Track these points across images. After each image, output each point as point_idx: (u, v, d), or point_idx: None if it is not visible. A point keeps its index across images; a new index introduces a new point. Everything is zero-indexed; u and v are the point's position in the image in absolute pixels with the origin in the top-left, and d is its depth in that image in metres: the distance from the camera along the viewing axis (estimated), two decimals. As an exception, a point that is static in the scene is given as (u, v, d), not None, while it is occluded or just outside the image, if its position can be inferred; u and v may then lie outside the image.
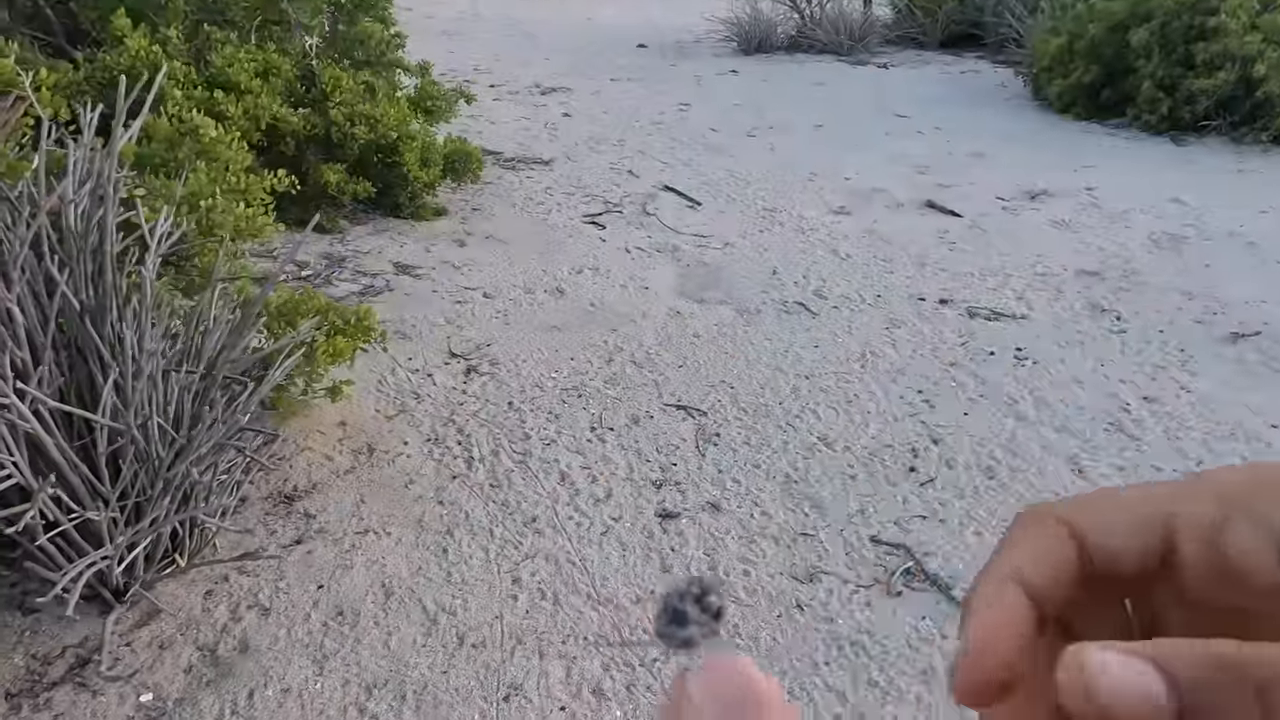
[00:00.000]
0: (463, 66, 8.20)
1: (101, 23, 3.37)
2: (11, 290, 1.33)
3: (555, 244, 3.75)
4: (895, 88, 7.64)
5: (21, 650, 1.50)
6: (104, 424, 1.37)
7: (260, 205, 2.18)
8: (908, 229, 4.11)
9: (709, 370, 2.77)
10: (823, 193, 4.63)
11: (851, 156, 5.35)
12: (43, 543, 1.36)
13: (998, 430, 2.47)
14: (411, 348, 2.78)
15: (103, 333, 1.50)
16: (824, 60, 8.96)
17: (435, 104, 4.15)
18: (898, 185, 4.78)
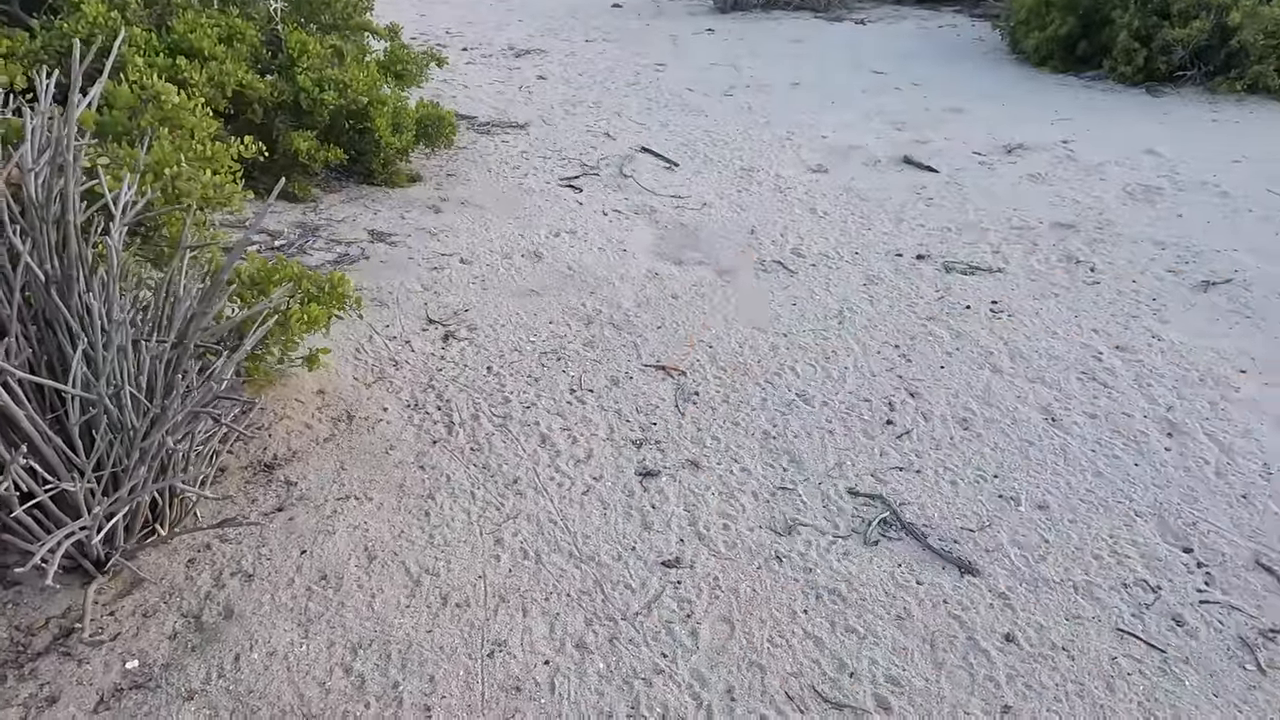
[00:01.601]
0: (434, 30, 8.05)
1: (57, -11, 3.27)
2: (-28, 261, 1.31)
3: (532, 208, 3.72)
4: (872, 44, 7.58)
5: (4, 622, 1.50)
6: (75, 394, 1.36)
7: (228, 173, 2.15)
8: (885, 185, 4.10)
9: (688, 330, 2.77)
10: (800, 151, 4.61)
11: (829, 114, 5.32)
12: (20, 514, 1.35)
13: (973, 382, 2.50)
14: (389, 315, 2.76)
15: (70, 304, 1.48)
16: (801, 17, 8.86)
17: (406, 68, 4.08)
18: (875, 142, 4.76)
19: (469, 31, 8.12)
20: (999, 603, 1.73)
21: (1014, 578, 1.79)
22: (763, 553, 1.85)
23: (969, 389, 2.47)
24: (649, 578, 1.76)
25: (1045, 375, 2.54)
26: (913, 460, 2.16)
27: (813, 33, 8.14)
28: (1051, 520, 1.96)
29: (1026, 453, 2.19)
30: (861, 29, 8.31)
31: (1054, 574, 1.80)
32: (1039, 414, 2.35)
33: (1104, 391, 2.46)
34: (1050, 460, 2.16)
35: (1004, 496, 2.03)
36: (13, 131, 1.60)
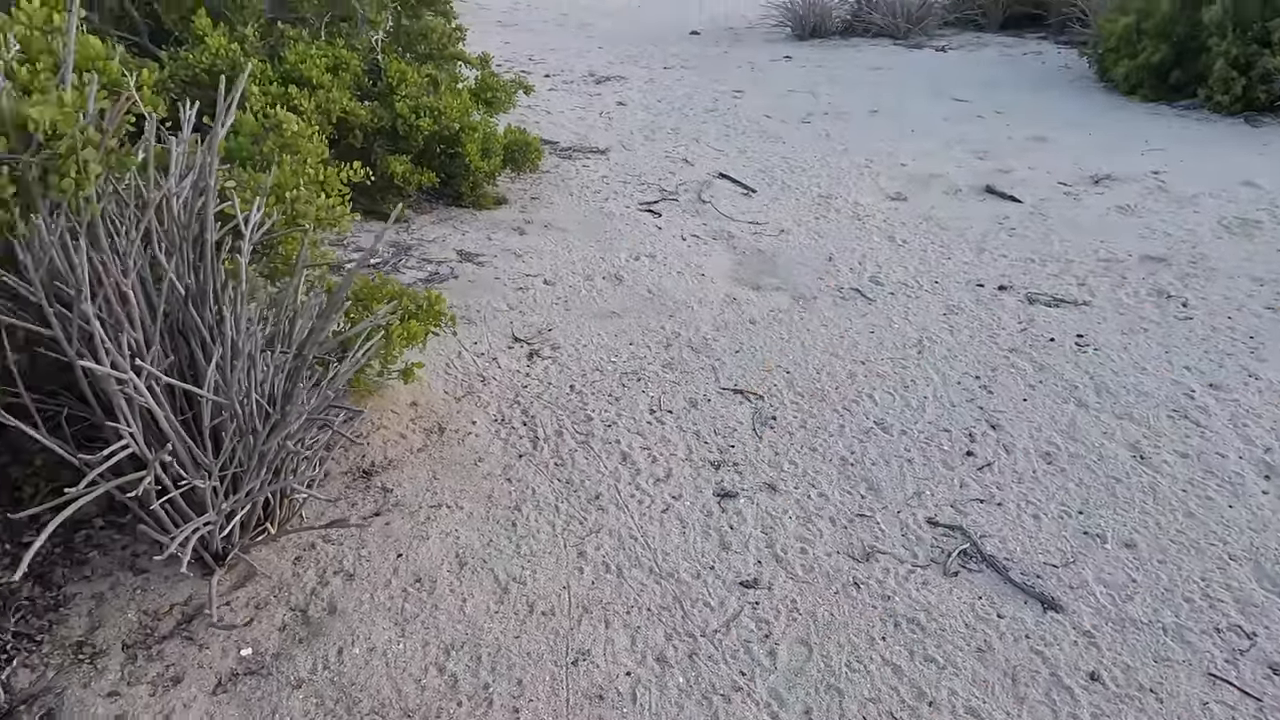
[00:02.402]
0: (518, 57, 8.32)
1: (183, 23, 3.53)
2: (128, 277, 1.45)
3: (613, 232, 3.82)
4: (953, 71, 7.51)
5: (134, 606, 1.63)
6: (209, 399, 1.49)
7: (338, 196, 2.29)
8: (966, 215, 4.07)
9: (765, 355, 2.81)
10: (879, 179, 4.61)
11: (908, 142, 5.30)
12: (155, 508, 1.48)
13: (1058, 416, 2.47)
14: (477, 332, 2.88)
15: (204, 316, 1.62)
16: (880, 44, 8.84)
17: (495, 95, 4.25)
18: (956, 170, 4.73)
19: (551, 58, 8.36)
20: (1083, 640, 1.70)
21: (1099, 616, 1.76)
22: (840, 578, 1.86)
23: (1053, 423, 2.44)
24: (727, 597, 1.80)
25: (1133, 412, 2.49)
26: (994, 493, 2.15)
27: (892, 60, 8.11)
28: (1139, 560, 1.92)
29: (1113, 490, 2.15)
30: (942, 56, 8.24)
31: (1142, 614, 1.77)
32: (1127, 451, 2.31)
33: (1196, 430, 2.39)
34: (1138, 498, 2.12)
35: (1089, 533, 2.00)
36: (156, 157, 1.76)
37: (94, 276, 1.44)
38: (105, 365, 1.37)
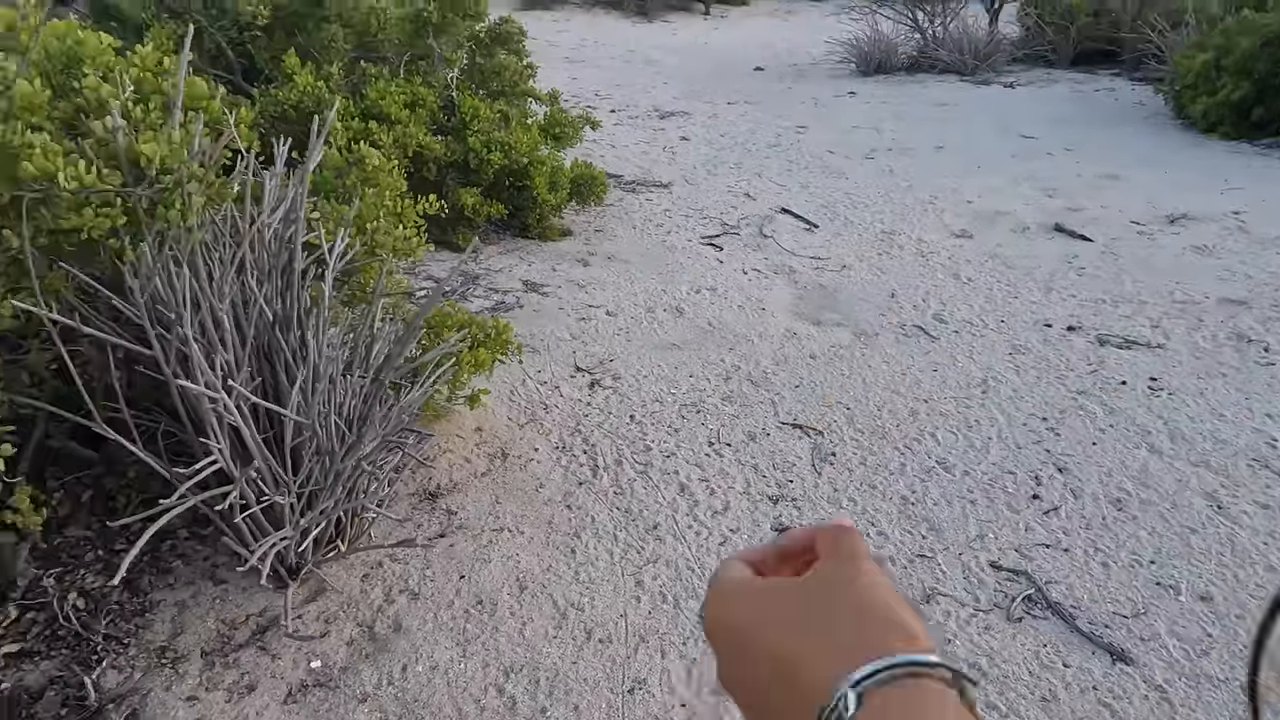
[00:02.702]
0: (585, 92, 8.52)
1: (274, 62, 3.74)
2: (223, 302, 1.54)
3: (674, 265, 3.87)
4: (1022, 107, 7.42)
5: (213, 615, 1.71)
6: (292, 419, 1.57)
7: (414, 227, 2.39)
8: (1034, 253, 4.01)
9: (825, 390, 2.80)
10: (943, 215, 4.57)
11: (974, 179, 5.25)
12: (237, 521, 1.56)
13: (1129, 462, 2.40)
14: (540, 361, 2.95)
15: (288, 339, 1.71)
16: (946, 80, 8.79)
17: (563, 130, 4.37)
18: (1024, 208, 4.66)
19: (617, 94, 8.54)
20: (1155, 695, 1.65)
21: (1172, 670, 1.70)
22: (900, 619, 1.84)
23: (1124, 468, 2.37)
24: (784, 633, 1.79)
25: (1210, 459, 2.40)
26: (1060, 538, 2.10)
27: (959, 96, 8.06)
28: (1216, 613, 1.85)
29: (1188, 540, 2.08)
30: (1010, 93, 8.15)
31: (1218, 671, 1.70)
32: (1203, 500, 2.23)
33: (1278, 481, 2.30)
34: (1215, 550, 2.05)
35: (1162, 584, 1.94)
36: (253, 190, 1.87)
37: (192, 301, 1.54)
38: (200, 385, 1.46)
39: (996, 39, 9.48)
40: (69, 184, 1.35)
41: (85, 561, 1.77)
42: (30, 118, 1.51)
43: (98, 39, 1.75)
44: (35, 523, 1.37)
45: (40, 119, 1.52)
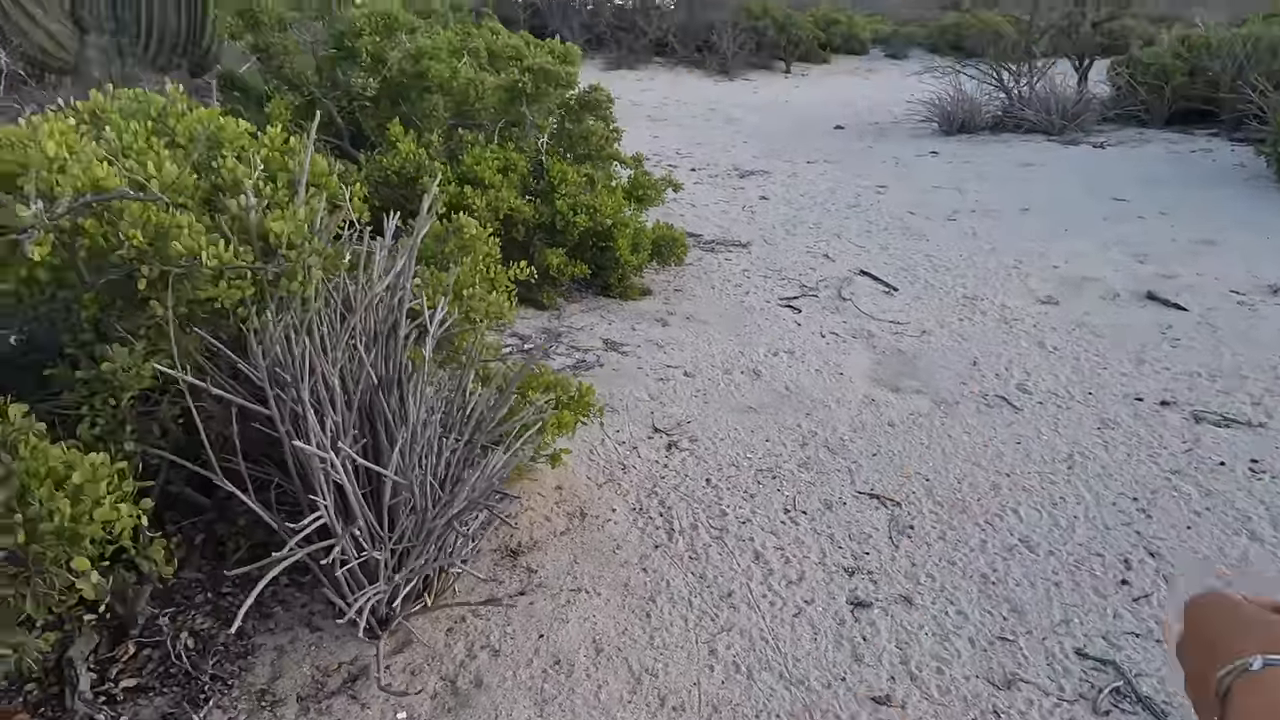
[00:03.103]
0: (666, 151, 8.73)
1: (379, 129, 4.00)
2: (335, 367, 1.67)
3: (752, 326, 3.92)
4: (1112, 169, 7.26)
5: (309, 661, 1.81)
6: (392, 479, 1.67)
7: (505, 292, 2.52)
8: (1124, 322, 3.90)
9: (903, 461, 2.78)
10: (1028, 280, 4.50)
11: (1061, 243, 5.16)
12: (337, 574, 1.66)
13: (1227, 548, 2.30)
14: (619, 421, 3.02)
15: (390, 402, 1.82)
16: (1033, 140, 8.69)
17: (645, 193, 4.51)
18: (1114, 274, 4.55)
19: (697, 152, 8.72)
20: (1256, 805, 1.56)
21: (1275, 779, 1.61)
22: (979, 704, 1.81)
23: (1221, 555, 2.28)
24: (859, 712, 1.78)
25: (1318, 550, 2.28)
26: (1152, 627, 2.02)
27: (1045, 156, 7.95)
28: (1324, 720, 1.75)
29: (1293, 637, 1.98)
30: (1100, 153, 8.00)
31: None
32: (1309, 594, 2.12)
33: (1395, 577, 2.17)
34: (1323, 650, 1.94)
35: (1263, 684, 1.85)
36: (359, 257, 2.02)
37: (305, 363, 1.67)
38: (312, 444, 1.57)
39: (1085, 98, 9.34)
40: (210, 261, 1.50)
41: (196, 603, 1.89)
42: (177, 197, 1.68)
43: (235, 124, 1.94)
44: (168, 573, 1.50)
45: (185, 199, 1.70)
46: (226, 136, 1.89)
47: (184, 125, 1.93)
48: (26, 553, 1.18)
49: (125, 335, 1.61)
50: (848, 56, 19.48)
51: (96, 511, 1.22)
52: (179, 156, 1.89)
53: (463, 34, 5.33)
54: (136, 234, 1.49)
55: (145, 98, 2.04)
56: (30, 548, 1.17)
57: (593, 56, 17.41)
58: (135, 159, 1.73)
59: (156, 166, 1.63)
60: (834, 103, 12.82)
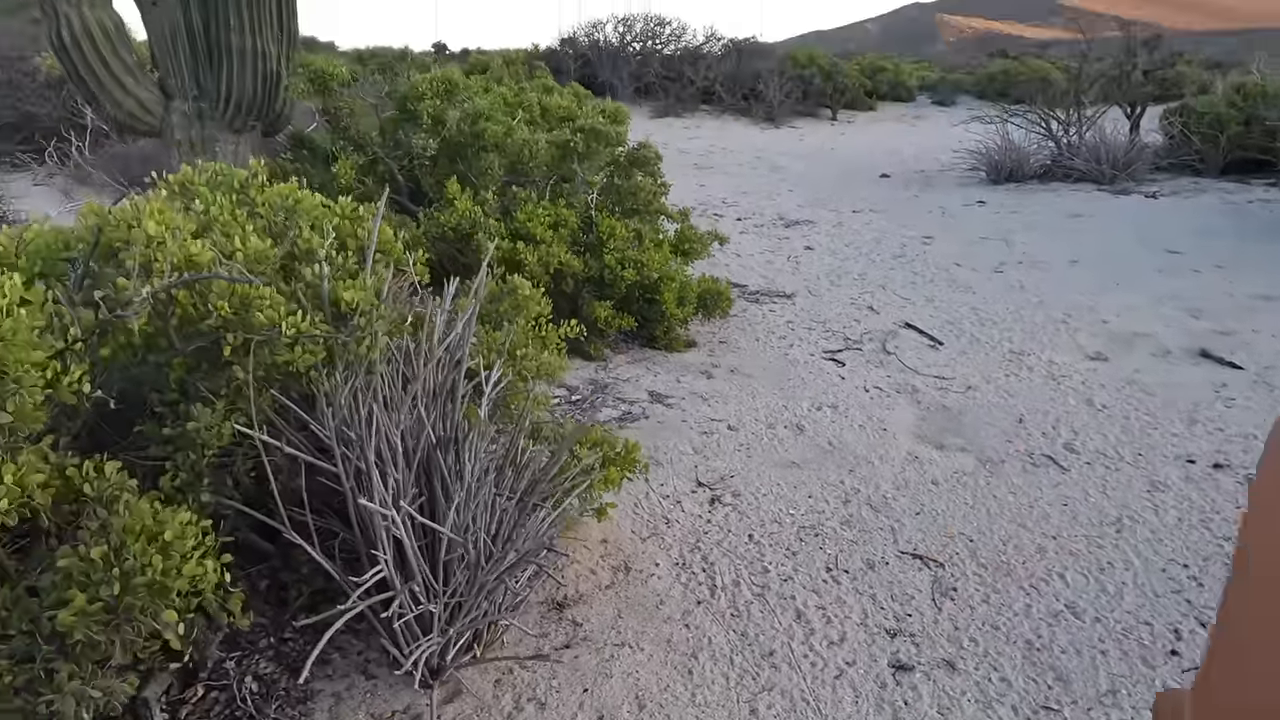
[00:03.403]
0: (712, 200, 8.88)
1: (438, 186, 4.19)
2: (398, 427, 1.77)
3: (796, 379, 3.96)
4: (1165, 220, 7.18)
5: (364, 709, 1.88)
6: (448, 536, 1.75)
7: (556, 349, 2.62)
8: (1176, 380, 3.85)
9: (947, 520, 2.79)
10: (1077, 336, 4.47)
11: (1111, 296, 5.11)
12: (395, 625, 1.74)
13: (1282, 621, 2.25)
14: (663, 474, 3.08)
15: (447, 460, 1.92)
16: (1082, 189, 8.63)
17: (691, 246, 4.62)
18: (1166, 330, 4.50)
19: (743, 201, 8.84)
20: None
21: None
22: (1022, 775, 1.80)
23: (1276, 628, 2.23)
24: (899, 778, 1.79)
25: (1379, 625, 2.22)
26: (1202, 701, 1.99)
27: (1095, 206, 7.89)
28: (1384, 806, 1.70)
29: (1351, 717, 1.93)
30: (1152, 203, 7.91)
31: None
32: (1369, 672, 2.06)
33: None
34: (1384, 731, 1.89)
35: (1320, 765, 1.81)
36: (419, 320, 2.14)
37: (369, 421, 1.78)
38: (375, 501, 1.67)
39: (1137, 146, 9.27)
40: (289, 330, 1.62)
41: (260, 647, 1.99)
42: (259, 268, 1.82)
43: (311, 198, 2.09)
44: (245, 624, 1.60)
45: (265, 269, 1.83)
46: (303, 209, 2.04)
47: (264, 197, 2.09)
48: (120, 603, 1.28)
49: (208, 395, 1.73)
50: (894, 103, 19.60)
51: (184, 567, 1.33)
52: (259, 227, 2.05)
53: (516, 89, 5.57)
54: (223, 305, 1.62)
55: (228, 171, 2.20)
56: (124, 599, 1.28)
57: (641, 104, 17.81)
58: (221, 230, 1.87)
59: (242, 240, 1.77)
60: (880, 150, 12.90)
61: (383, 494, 1.70)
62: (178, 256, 1.59)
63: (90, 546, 1.32)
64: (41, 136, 8.15)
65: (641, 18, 19.50)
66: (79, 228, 1.79)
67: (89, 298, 1.66)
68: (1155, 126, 10.25)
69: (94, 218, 1.70)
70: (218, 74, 3.91)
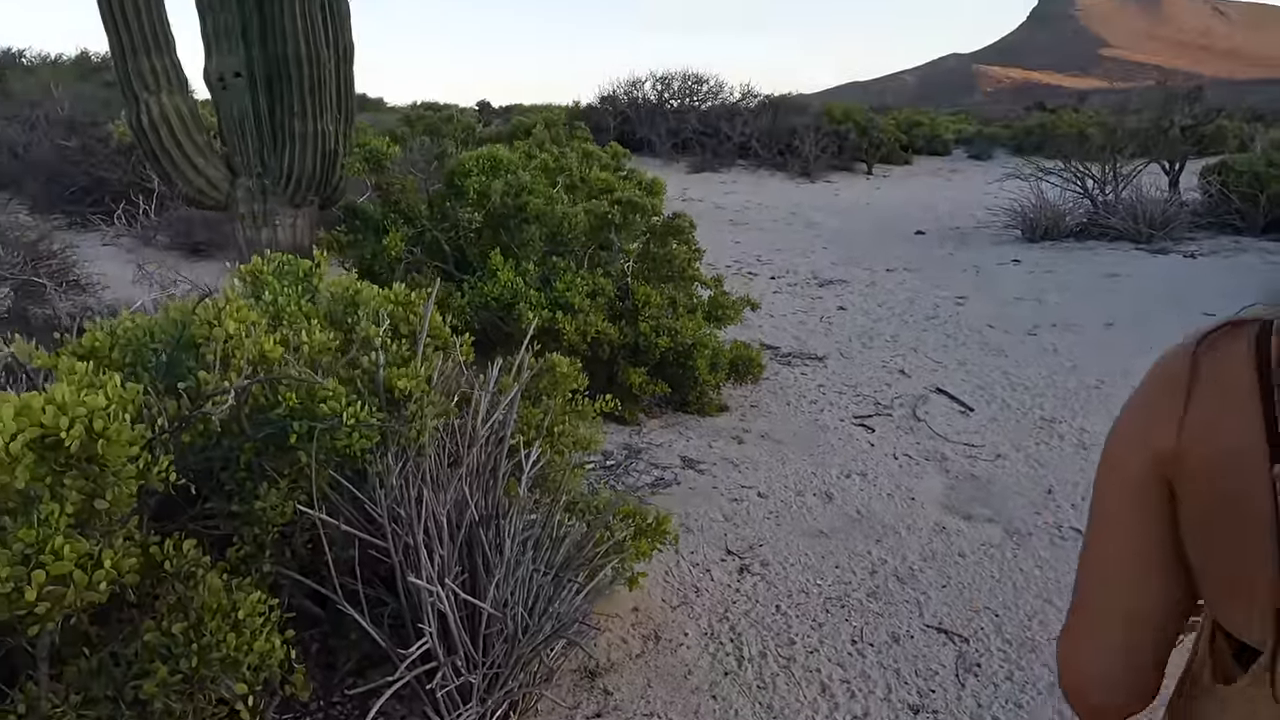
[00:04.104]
0: (747, 257, 9.04)
1: (482, 256, 4.40)
2: (444, 507, 1.92)
3: (826, 445, 4.04)
4: (1204, 280, 7.15)
5: (406, 772, 2.00)
6: (488, 611, 1.88)
7: (592, 421, 2.76)
8: (1209, 451, 3.85)
9: (973, 594, 2.83)
10: (1110, 403, 4.49)
11: (1147, 361, 5.04)
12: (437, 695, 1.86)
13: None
14: (694, 542, 3.17)
15: (488, 535, 2.05)
16: (1119, 248, 8.63)
17: (724, 312, 4.76)
18: (1200, 398, 4.49)
19: (777, 258, 8.99)
20: None
21: None
22: None
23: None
24: None
25: None
26: (1225, 789, 2.01)
27: (1132, 266, 7.89)
28: None
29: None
30: (1191, 263, 7.89)
31: None
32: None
33: None
34: None
35: None
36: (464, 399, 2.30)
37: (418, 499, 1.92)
38: (422, 578, 1.81)
39: (1176, 204, 9.26)
40: (349, 420, 1.78)
41: (310, 709, 2.12)
42: (322, 358, 1.99)
43: (370, 289, 2.27)
44: (304, 696, 1.73)
45: (327, 358, 2.01)
46: (363, 300, 2.22)
47: (325, 288, 2.28)
48: (196, 674, 1.43)
49: (273, 475, 1.90)
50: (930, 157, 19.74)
51: (255, 644, 1.47)
52: (321, 315, 2.23)
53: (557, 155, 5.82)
54: (292, 396, 1.79)
55: (293, 262, 2.41)
56: (200, 671, 1.42)
57: (678, 160, 18.20)
58: (289, 323, 2.06)
59: (308, 334, 1.95)
60: (915, 206, 13.00)
61: (429, 571, 1.84)
62: (253, 353, 1.76)
63: (171, 621, 1.47)
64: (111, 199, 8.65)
65: (679, 76, 20.06)
66: (164, 320, 1.98)
67: (172, 386, 1.85)
68: (1195, 184, 10.22)
69: (179, 314, 1.90)
70: (281, 154, 4.19)
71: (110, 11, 3.80)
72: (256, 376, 1.75)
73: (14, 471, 1.28)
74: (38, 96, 11.92)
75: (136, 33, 3.85)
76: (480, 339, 4.12)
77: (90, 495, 1.40)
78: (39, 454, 1.31)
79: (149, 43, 3.88)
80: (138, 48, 3.85)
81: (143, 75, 3.89)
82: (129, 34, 3.82)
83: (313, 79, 4.06)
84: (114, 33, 3.84)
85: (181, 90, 4.08)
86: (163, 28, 3.94)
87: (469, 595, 1.90)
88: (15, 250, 5.50)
